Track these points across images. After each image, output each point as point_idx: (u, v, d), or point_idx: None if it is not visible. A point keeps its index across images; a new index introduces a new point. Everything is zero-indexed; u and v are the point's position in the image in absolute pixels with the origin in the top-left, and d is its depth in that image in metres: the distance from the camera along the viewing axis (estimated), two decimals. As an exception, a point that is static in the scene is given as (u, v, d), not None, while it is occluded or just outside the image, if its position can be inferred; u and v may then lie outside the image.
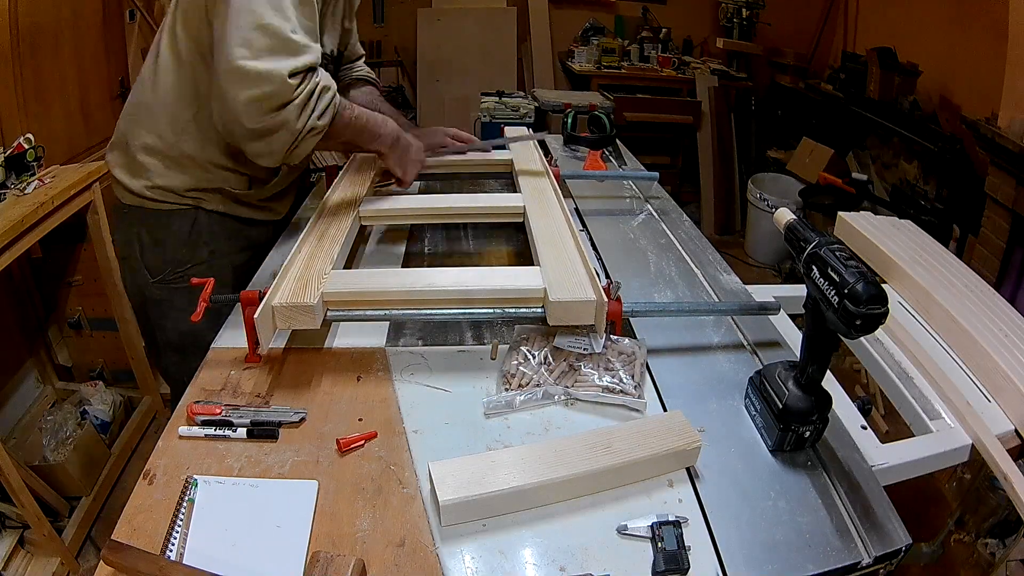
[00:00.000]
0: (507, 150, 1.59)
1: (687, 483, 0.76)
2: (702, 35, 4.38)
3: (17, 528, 1.62)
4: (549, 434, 0.83)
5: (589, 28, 4.24)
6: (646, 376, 0.92)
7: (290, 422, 0.83)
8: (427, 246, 1.36)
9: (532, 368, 0.91)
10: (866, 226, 1.32)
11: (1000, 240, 2.36)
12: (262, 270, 1.22)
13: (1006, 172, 2.30)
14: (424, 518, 0.70)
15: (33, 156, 1.66)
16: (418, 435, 0.82)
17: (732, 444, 0.81)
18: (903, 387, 0.99)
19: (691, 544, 0.67)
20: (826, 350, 0.75)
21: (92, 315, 2.06)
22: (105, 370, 2.17)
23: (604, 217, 1.45)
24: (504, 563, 0.66)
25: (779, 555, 0.67)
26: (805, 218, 0.79)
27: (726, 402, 0.89)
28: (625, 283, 1.16)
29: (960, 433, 0.89)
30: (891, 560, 0.68)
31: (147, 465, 0.76)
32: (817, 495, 0.74)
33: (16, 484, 1.47)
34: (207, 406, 0.83)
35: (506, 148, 1.59)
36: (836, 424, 0.83)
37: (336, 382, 0.91)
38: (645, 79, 4.05)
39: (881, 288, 0.65)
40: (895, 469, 0.82)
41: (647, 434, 0.76)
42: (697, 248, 1.32)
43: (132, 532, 0.67)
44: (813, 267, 0.71)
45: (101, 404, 2.03)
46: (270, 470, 0.76)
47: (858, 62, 3.43)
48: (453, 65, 4.10)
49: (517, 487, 0.69)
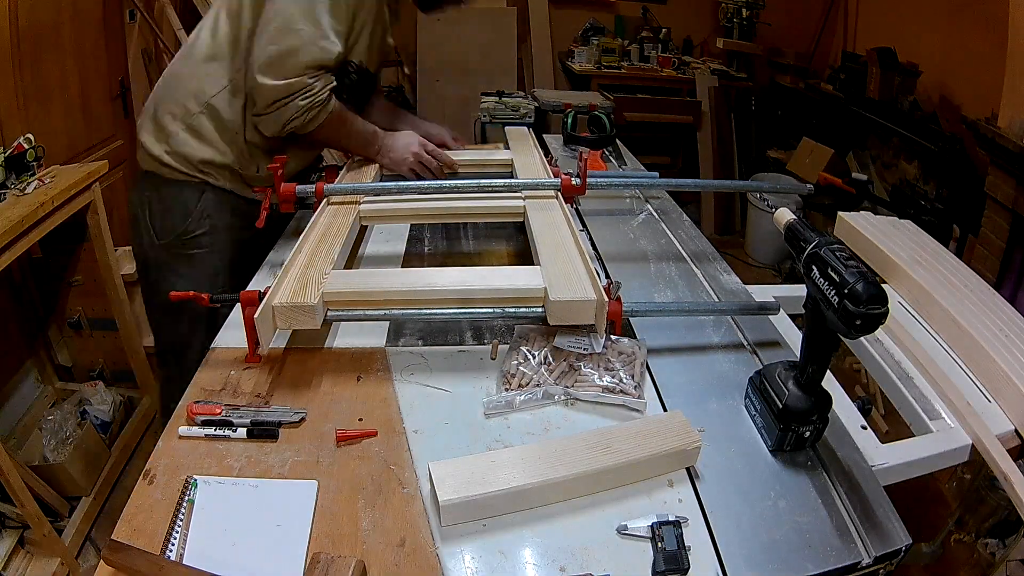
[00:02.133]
0: (508, 150, 1.59)
1: (687, 483, 0.76)
2: (702, 35, 4.38)
3: (17, 528, 1.62)
4: (549, 434, 0.83)
5: (589, 28, 4.24)
6: (646, 376, 0.92)
7: (290, 422, 0.83)
8: (427, 246, 1.36)
9: (532, 368, 0.90)
10: (866, 226, 1.32)
11: (1000, 240, 2.35)
12: (262, 269, 1.22)
13: (1006, 172, 2.30)
14: (424, 518, 0.70)
15: (33, 156, 1.66)
16: (418, 435, 0.82)
17: (732, 444, 0.81)
18: (903, 387, 0.99)
19: (691, 544, 0.67)
20: (826, 350, 0.75)
21: (92, 315, 2.06)
22: (105, 370, 2.16)
23: (604, 217, 1.45)
24: (504, 563, 0.66)
25: (779, 555, 0.67)
26: (805, 218, 0.79)
27: (726, 402, 0.89)
28: (625, 283, 1.16)
29: (960, 433, 0.89)
30: (891, 560, 0.68)
31: (147, 465, 0.76)
32: (817, 495, 0.74)
33: (16, 484, 1.47)
34: (207, 406, 0.83)
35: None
36: (836, 424, 0.83)
37: (336, 382, 0.91)
38: (645, 79, 4.05)
39: (881, 288, 0.65)
40: (895, 469, 0.82)
41: (647, 434, 0.76)
42: (697, 248, 1.32)
43: (132, 532, 0.67)
44: (813, 267, 0.71)
45: (101, 404, 2.03)
46: (270, 470, 0.76)
47: (858, 62, 3.43)
48: (453, 65, 4.10)
49: (517, 487, 0.69)
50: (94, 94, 2.36)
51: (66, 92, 2.19)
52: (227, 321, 1.05)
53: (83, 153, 2.27)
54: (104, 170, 1.81)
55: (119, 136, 2.61)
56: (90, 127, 2.35)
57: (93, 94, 2.34)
